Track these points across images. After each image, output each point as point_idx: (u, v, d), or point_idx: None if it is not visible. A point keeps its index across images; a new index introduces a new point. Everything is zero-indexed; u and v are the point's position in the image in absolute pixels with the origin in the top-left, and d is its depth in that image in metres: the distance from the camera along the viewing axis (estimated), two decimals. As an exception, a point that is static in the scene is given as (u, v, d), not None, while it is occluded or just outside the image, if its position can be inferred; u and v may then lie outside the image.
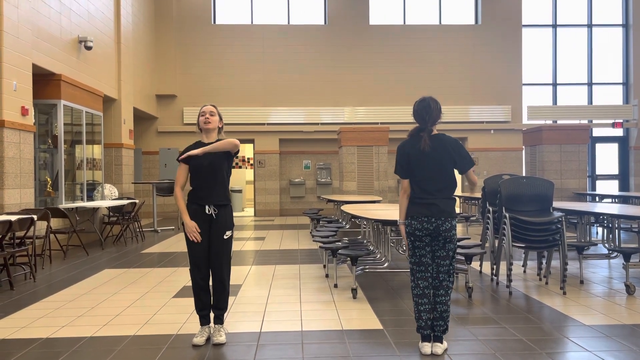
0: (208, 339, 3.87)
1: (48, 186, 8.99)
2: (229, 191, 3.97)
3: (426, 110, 3.61)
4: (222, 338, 3.83)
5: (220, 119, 3.99)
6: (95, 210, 9.57)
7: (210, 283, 3.90)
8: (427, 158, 3.61)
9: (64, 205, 8.71)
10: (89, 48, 9.81)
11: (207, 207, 3.80)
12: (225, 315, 4.04)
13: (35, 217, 6.31)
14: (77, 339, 3.98)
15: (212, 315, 3.93)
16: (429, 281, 3.65)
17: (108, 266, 7.19)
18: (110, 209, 9.67)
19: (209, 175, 3.82)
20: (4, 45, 7.05)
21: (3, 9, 7.04)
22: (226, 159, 3.88)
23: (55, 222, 8.05)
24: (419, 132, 3.65)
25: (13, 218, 5.82)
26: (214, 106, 3.99)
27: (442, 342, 3.60)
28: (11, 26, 7.22)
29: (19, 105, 7.40)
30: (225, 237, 3.84)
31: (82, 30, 9.79)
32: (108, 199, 10.29)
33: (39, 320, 4.53)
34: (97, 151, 10.56)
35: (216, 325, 3.90)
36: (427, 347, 3.58)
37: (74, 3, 9.54)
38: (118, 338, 4.00)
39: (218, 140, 3.93)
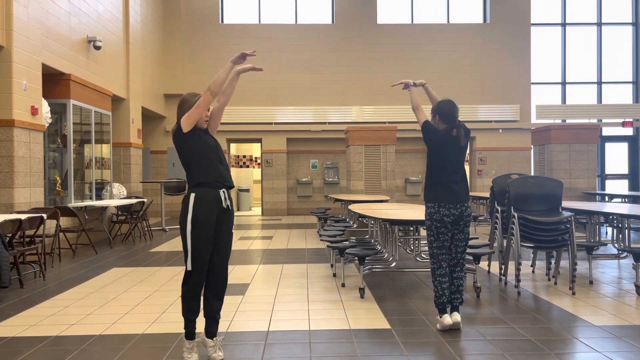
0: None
1: (57, 185, 9.05)
2: None
3: (456, 109, 4.15)
4: (220, 354, 3.49)
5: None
6: (104, 209, 9.62)
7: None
8: (458, 150, 4.12)
9: (73, 204, 8.77)
10: (97, 48, 9.86)
11: (222, 196, 3.45)
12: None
13: (44, 215, 6.36)
14: (86, 337, 4.00)
15: (205, 324, 3.55)
16: (448, 262, 4.15)
17: (117, 265, 7.23)
18: (118, 208, 9.72)
19: (222, 154, 3.57)
20: (14, 45, 7.10)
21: (13, 9, 7.09)
22: None
23: (64, 221, 8.10)
24: (453, 128, 4.11)
25: (23, 217, 5.86)
26: None
27: (459, 312, 4.12)
28: (21, 26, 7.28)
29: (29, 105, 7.45)
30: (233, 229, 3.59)
31: (91, 30, 9.84)
32: (117, 198, 10.35)
33: (48, 318, 4.56)
34: (105, 150, 10.62)
35: (212, 340, 3.51)
36: (448, 318, 4.01)
37: (83, 3, 9.59)
38: (127, 336, 4.02)
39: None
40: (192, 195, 3.41)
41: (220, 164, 3.50)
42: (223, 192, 3.47)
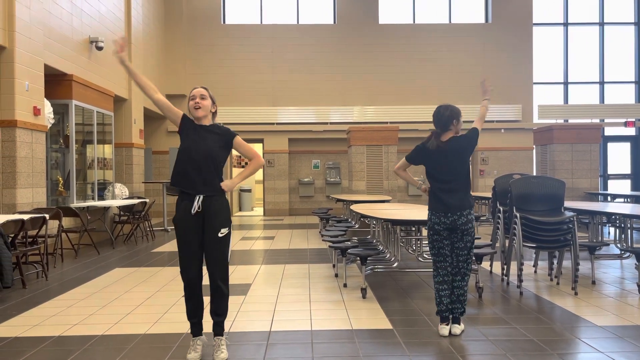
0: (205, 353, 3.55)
1: (60, 185, 9.06)
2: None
3: (436, 117, 4.12)
4: (223, 355, 3.47)
5: (214, 102, 3.61)
6: (106, 209, 9.63)
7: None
8: (445, 159, 4.03)
9: (76, 204, 8.78)
10: (99, 48, 9.88)
11: (195, 201, 3.43)
12: (228, 320, 3.93)
13: (47, 216, 6.37)
14: (88, 337, 4.00)
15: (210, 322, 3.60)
16: (448, 270, 4.06)
17: (119, 265, 7.23)
18: (120, 208, 9.73)
19: (205, 159, 3.47)
20: (16, 46, 7.12)
21: (15, 10, 7.10)
22: (224, 149, 3.59)
23: (66, 221, 8.11)
24: (435, 135, 4.11)
25: (25, 217, 5.87)
26: (205, 89, 3.60)
27: (459, 324, 4.01)
28: (23, 27, 7.29)
29: (31, 105, 7.46)
30: (220, 235, 3.47)
31: (93, 30, 9.85)
32: (119, 198, 10.36)
33: (50, 318, 4.57)
34: (107, 151, 10.63)
35: (216, 338, 3.54)
36: (445, 329, 3.97)
37: (85, 4, 9.61)
38: (129, 336, 4.02)
39: (213, 124, 3.61)
40: (177, 198, 3.62)
41: (193, 169, 3.47)
42: (198, 197, 3.46)
